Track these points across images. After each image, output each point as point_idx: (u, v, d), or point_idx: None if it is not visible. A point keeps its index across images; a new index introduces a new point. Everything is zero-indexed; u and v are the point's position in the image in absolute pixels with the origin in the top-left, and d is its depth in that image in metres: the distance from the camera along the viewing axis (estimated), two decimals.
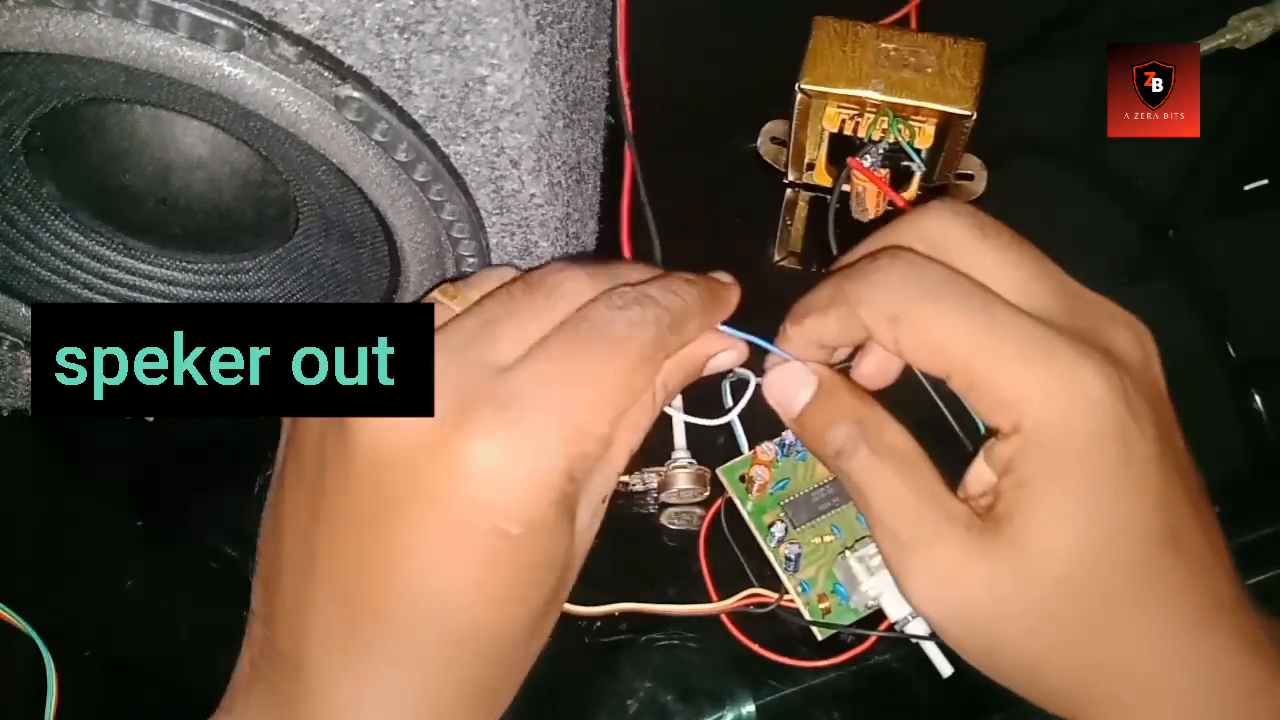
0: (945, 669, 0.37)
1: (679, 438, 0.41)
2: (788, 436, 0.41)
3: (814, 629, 0.39)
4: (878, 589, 0.37)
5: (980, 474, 0.29)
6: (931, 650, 0.38)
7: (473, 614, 0.27)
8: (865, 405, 0.30)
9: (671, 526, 0.41)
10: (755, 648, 0.39)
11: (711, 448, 0.42)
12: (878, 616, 0.38)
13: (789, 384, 0.31)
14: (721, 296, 0.32)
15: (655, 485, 0.41)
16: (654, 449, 0.40)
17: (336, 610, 0.27)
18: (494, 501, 0.26)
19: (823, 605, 0.39)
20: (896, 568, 0.28)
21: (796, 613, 0.39)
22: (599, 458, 0.28)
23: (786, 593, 0.39)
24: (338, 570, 0.27)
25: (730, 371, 0.34)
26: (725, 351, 0.32)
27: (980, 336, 0.27)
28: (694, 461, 0.41)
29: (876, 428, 0.29)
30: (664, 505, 0.41)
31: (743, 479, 0.41)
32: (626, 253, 0.45)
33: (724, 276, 0.33)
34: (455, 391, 0.26)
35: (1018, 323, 0.27)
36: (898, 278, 0.28)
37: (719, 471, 0.41)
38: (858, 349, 0.33)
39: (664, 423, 0.40)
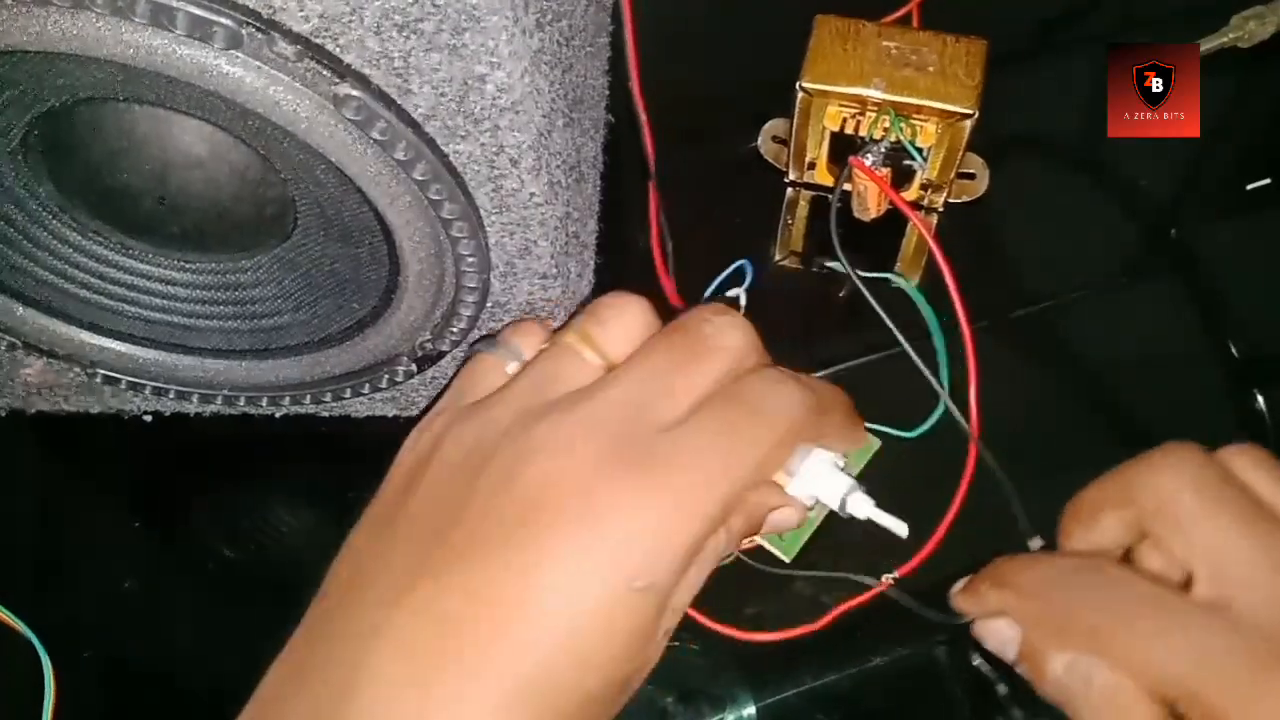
0: (901, 530, 0.35)
1: None
2: None
3: (780, 554, 0.37)
4: (809, 488, 0.34)
5: None
6: (887, 520, 0.35)
7: (571, 660, 0.26)
8: (1068, 650, 0.30)
9: None
10: (757, 641, 0.39)
11: None
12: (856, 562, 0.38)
13: (996, 638, 0.32)
14: (858, 425, 0.34)
15: None
16: None
17: (428, 631, 0.26)
18: (628, 553, 0.27)
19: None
20: None
21: (759, 555, 0.38)
22: (720, 529, 0.29)
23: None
24: (448, 591, 0.27)
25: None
26: (787, 509, 0.32)
27: (1175, 656, 0.27)
28: None
29: (1084, 675, 0.29)
30: None
31: None
32: (657, 259, 0.46)
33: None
34: (620, 446, 0.28)
35: (1209, 641, 0.27)
36: (1095, 593, 0.30)
37: None
38: None
39: None
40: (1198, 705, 0.27)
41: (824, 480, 0.34)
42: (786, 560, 0.36)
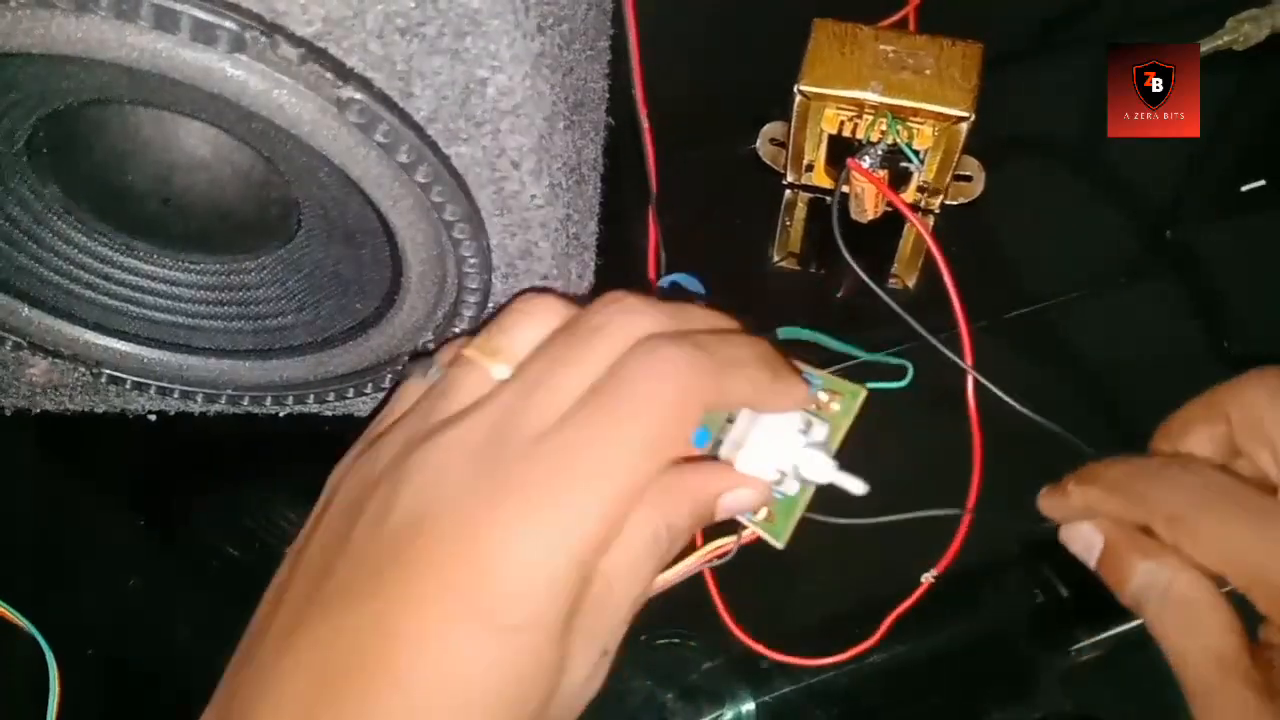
0: (859, 488, 0.31)
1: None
2: None
3: (772, 541, 0.33)
4: (764, 459, 0.30)
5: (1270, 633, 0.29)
6: (845, 480, 0.31)
7: (452, 711, 0.24)
8: (1150, 558, 0.30)
9: None
10: (755, 646, 0.39)
11: None
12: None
13: (1081, 542, 0.32)
14: (781, 378, 0.29)
15: None
16: None
17: (305, 684, 0.25)
18: (489, 591, 0.24)
19: (764, 515, 0.33)
20: (1191, 708, 0.29)
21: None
22: (612, 538, 0.26)
23: (743, 528, 0.34)
24: (322, 641, 0.25)
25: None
26: (740, 489, 0.29)
27: (1254, 544, 0.28)
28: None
29: (1162, 582, 0.29)
30: None
31: None
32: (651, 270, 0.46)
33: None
34: (488, 466, 0.25)
35: None
36: (1174, 481, 0.30)
37: None
38: None
39: None
40: (1273, 595, 0.27)
41: (776, 447, 0.30)
42: (779, 546, 0.33)
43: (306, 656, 0.25)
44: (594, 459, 0.25)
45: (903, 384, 0.41)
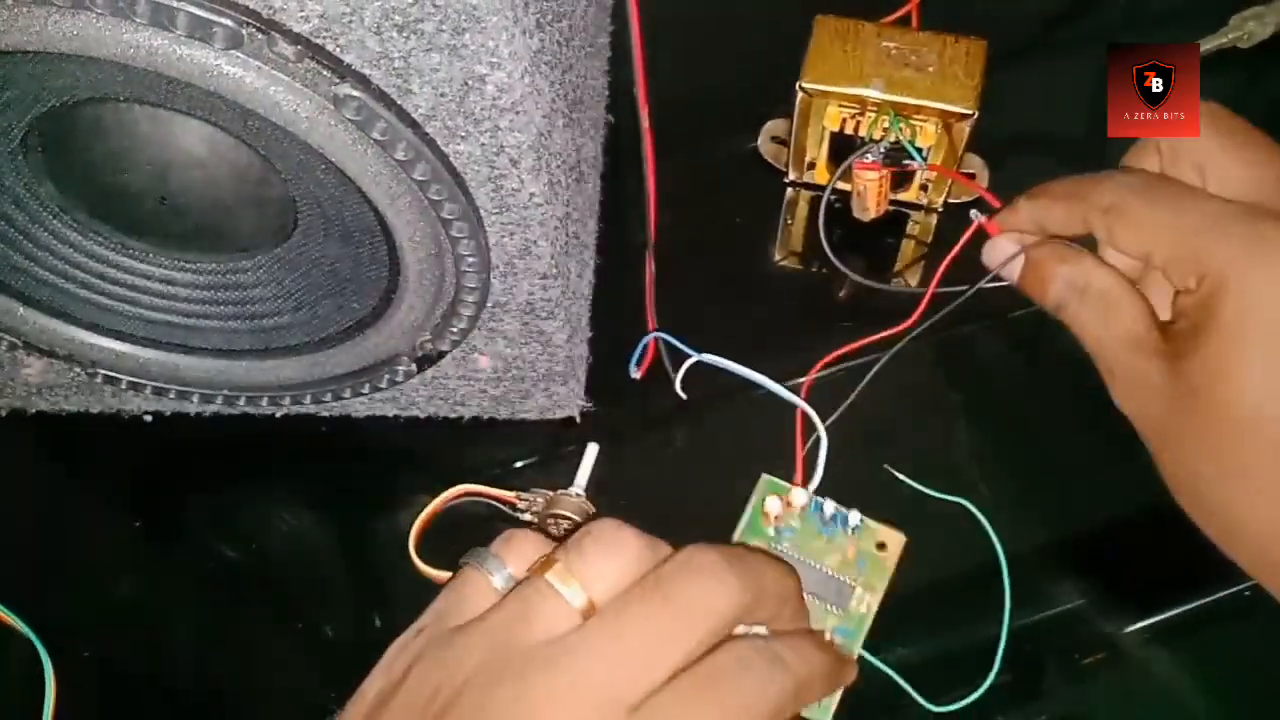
0: None
1: (582, 476, 0.41)
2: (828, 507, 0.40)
3: None
4: None
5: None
6: None
7: None
8: (1068, 263, 0.34)
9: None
10: None
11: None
12: None
13: (999, 255, 0.36)
14: (844, 674, 0.32)
15: (540, 506, 0.41)
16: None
17: None
18: None
19: None
20: (1109, 388, 0.33)
21: None
22: None
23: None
24: None
25: None
26: None
27: (1174, 222, 0.31)
28: (582, 493, 0.41)
29: (1081, 281, 0.33)
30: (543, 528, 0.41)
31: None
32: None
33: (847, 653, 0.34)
34: None
35: (1212, 205, 0.31)
36: (1113, 180, 0.34)
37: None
38: None
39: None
40: (1187, 268, 0.30)
41: None
42: None
43: None
44: None
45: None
